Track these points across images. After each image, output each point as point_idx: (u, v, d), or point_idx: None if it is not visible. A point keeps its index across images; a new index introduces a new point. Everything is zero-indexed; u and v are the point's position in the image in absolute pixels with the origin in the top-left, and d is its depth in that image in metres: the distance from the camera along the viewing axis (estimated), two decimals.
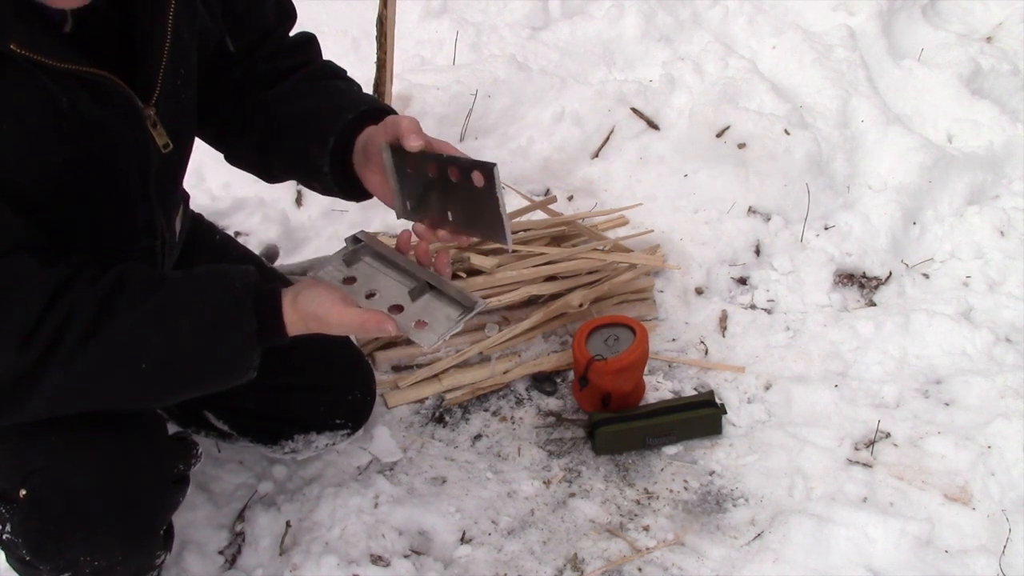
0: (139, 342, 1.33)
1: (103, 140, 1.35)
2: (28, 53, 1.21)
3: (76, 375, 1.31)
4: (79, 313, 1.29)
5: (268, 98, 1.62)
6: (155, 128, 1.43)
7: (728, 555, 2.01)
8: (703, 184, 2.90)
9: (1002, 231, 2.91)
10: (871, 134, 3.11)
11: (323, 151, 1.51)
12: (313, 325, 1.41)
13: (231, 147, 1.73)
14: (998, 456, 2.20)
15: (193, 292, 1.38)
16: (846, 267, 2.82)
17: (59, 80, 1.26)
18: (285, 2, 1.69)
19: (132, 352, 1.34)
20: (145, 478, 1.53)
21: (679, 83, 3.15)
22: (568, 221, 2.64)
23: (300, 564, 1.92)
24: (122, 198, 1.44)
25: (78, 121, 1.30)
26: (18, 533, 1.51)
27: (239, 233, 2.67)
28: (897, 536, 1.98)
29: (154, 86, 1.40)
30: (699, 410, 2.28)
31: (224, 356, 1.40)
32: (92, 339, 1.30)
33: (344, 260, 1.53)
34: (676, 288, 2.70)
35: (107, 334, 1.31)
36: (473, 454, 2.23)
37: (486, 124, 2.99)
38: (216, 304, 1.37)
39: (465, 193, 1.38)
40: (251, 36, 1.62)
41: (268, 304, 1.41)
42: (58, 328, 1.28)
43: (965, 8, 3.87)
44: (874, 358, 2.52)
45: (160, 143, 1.45)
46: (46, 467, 1.47)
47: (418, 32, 3.31)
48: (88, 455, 1.47)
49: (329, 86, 1.65)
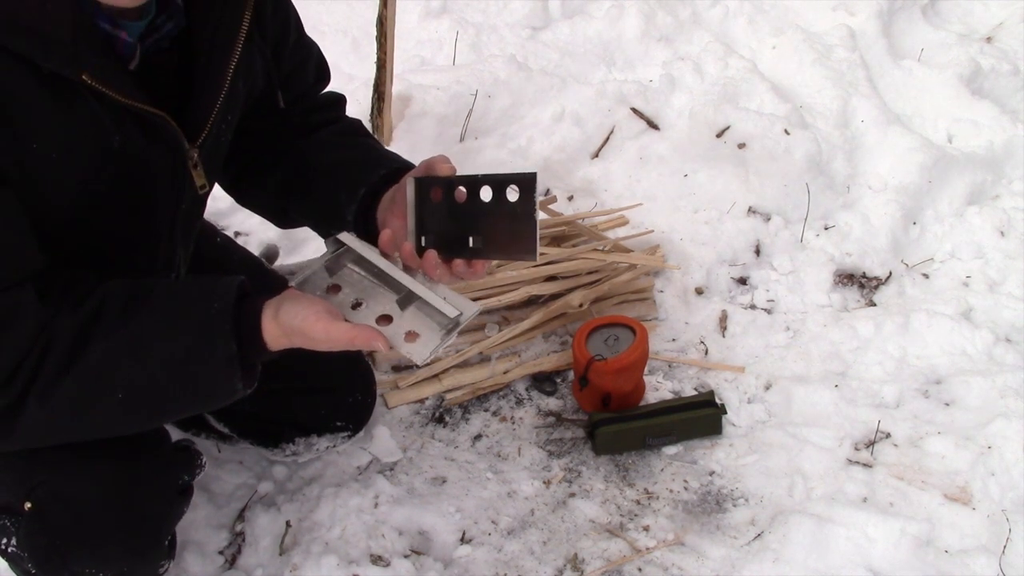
0: (112, 375, 1.30)
1: (144, 176, 1.37)
2: (97, 85, 1.22)
3: (53, 409, 1.29)
4: (55, 345, 1.27)
5: (301, 147, 1.67)
6: (195, 169, 1.45)
7: (728, 555, 2.01)
8: (703, 184, 2.90)
9: (1002, 231, 2.91)
10: (871, 134, 3.11)
11: (352, 200, 1.55)
12: (297, 340, 1.35)
13: (247, 190, 1.77)
14: (998, 456, 2.20)
15: (170, 316, 1.33)
16: (846, 267, 2.82)
17: (116, 115, 1.28)
18: (323, 66, 1.74)
19: (105, 385, 1.30)
20: (150, 490, 1.53)
21: (679, 83, 3.15)
22: (568, 221, 2.64)
23: (300, 564, 1.92)
24: (149, 233, 1.46)
25: (125, 157, 1.32)
26: (24, 547, 1.51)
27: (239, 233, 2.67)
28: (897, 536, 1.98)
29: (203, 129, 1.42)
30: (699, 410, 2.28)
31: (201, 383, 1.35)
32: (65, 373, 1.27)
33: (326, 268, 1.45)
34: (676, 288, 2.70)
35: (80, 367, 1.28)
36: (473, 454, 2.23)
37: (486, 124, 2.99)
38: (189, 331, 1.32)
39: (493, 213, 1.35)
40: (291, 94, 1.67)
41: (247, 323, 1.35)
42: (37, 362, 1.26)
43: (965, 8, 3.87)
44: (874, 358, 2.52)
45: (198, 184, 1.47)
46: (51, 480, 1.47)
47: (418, 32, 3.31)
48: (93, 468, 1.47)
49: (361, 143, 1.71)
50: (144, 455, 1.53)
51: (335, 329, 1.31)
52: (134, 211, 1.40)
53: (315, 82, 1.73)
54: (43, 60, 1.18)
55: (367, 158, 1.63)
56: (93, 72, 1.21)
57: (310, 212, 1.68)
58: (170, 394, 1.35)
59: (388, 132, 2.81)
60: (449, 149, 2.92)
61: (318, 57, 1.73)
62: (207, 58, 1.39)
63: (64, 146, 1.25)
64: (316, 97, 1.74)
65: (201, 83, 1.40)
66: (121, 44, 1.29)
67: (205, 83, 1.40)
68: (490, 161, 2.92)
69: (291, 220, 1.75)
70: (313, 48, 1.71)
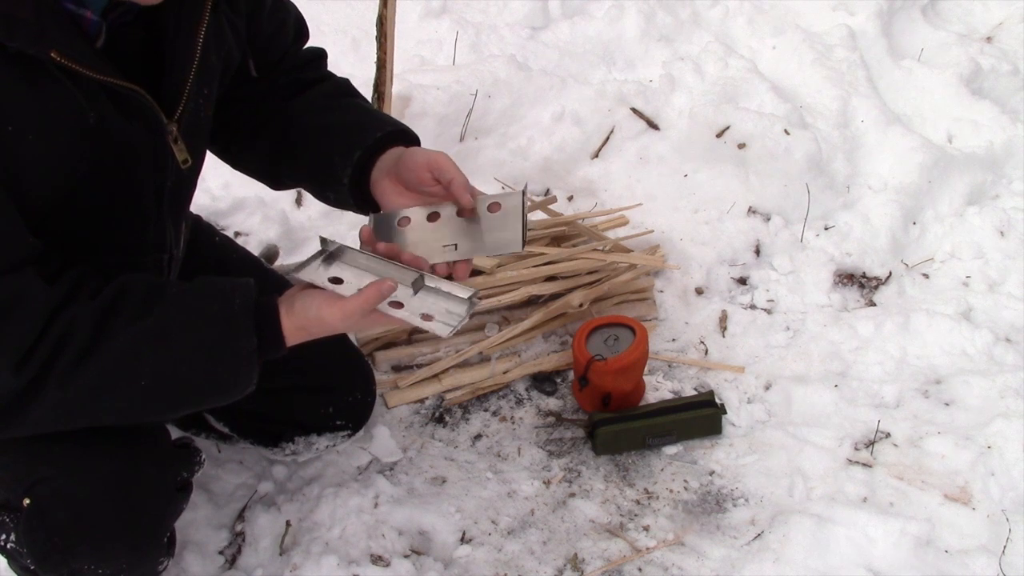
0: (137, 361, 1.32)
1: (125, 154, 1.37)
2: (67, 62, 1.22)
3: (74, 393, 1.30)
4: (76, 331, 1.28)
5: (290, 109, 1.66)
6: (176, 144, 1.45)
7: (728, 555, 2.01)
8: (703, 184, 2.90)
9: (1002, 231, 2.91)
10: (871, 134, 3.11)
11: (347, 162, 1.57)
12: (315, 330, 1.40)
13: (239, 154, 1.76)
14: (998, 456, 2.20)
15: (192, 309, 1.36)
16: (846, 267, 2.82)
17: (89, 93, 1.28)
18: (301, 23, 1.74)
19: (130, 371, 1.33)
20: (150, 487, 1.53)
21: (679, 83, 3.15)
22: (568, 221, 2.64)
23: (300, 564, 1.92)
24: (137, 213, 1.46)
25: (103, 135, 1.31)
26: (23, 543, 1.51)
27: (239, 233, 2.67)
28: (897, 536, 1.98)
29: (178, 103, 1.42)
30: (699, 410, 2.28)
31: (223, 375, 1.39)
32: (89, 358, 1.29)
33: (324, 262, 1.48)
34: (676, 288, 2.70)
35: (104, 353, 1.29)
36: (473, 454, 2.23)
37: (486, 124, 2.99)
38: (215, 323, 1.36)
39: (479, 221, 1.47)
40: (272, 57, 1.67)
41: (267, 319, 1.39)
42: (55, 347, 1.27)
43: (965, 8, 3.87)
44: (874, 358, 2.52)
45: (180, 159, 1.47)
46: (51, 477, 1.46)
47: (418, 32, 3.31)
48: (93, 465, 1.47)
49: (353, 104, 1.70)
50: (143, 452, 1.53)
51: (347, 304, 1.36)
52: (119, 190, 1.39)
53: (294, 41, 1.72)
54: (7, 39, 1.16)
55: (361, 120, 1.63)
56: (61, 49, 1.21)
57: (304, 175, 1.69)
58: (191, 384, 1.38)
59: None
60: (449, 149, 2.92)
61: (296, 16, 1.72)
62: (175, 31, 1.39)
63: (39, 128, 1.24)
64: (296, 55, 1.73)
65: (171, 56, 1.40)
66: (87, 23, 1.28)
67: (175, 56, 1.40)
68: (490, 161, 2.92)
69: (284, 183, 1.77)
70: (291, 9, 1.71)
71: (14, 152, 1.23)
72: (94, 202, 1.37)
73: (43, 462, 1.47)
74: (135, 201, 1.44)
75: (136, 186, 1.42)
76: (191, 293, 1.38)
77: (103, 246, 1.42)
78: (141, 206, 1.45)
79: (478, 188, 1.55)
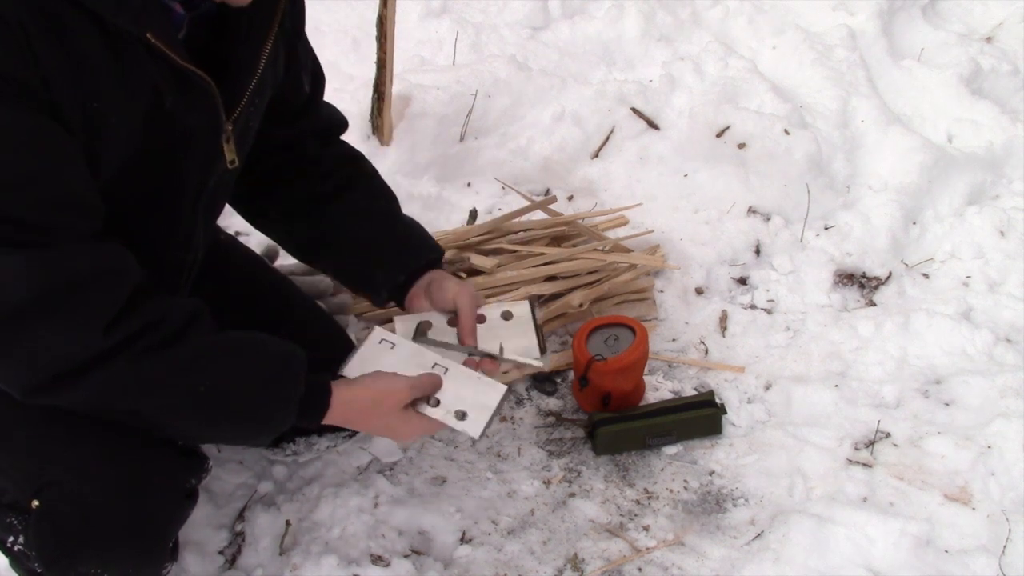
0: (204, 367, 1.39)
1: (182, 143, 1.41)
2: (160, 44, 1.26)
3: (138, 374, 1.33)
4: (169, 319, 1.35)
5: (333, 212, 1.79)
6: (227, 143, 1.49)
7: (728, 555, 2.01)
8: (703, 184, 2.90)
9: (1002, 231, 2.91)
10: (871, 134, 3.11)
11: (389, 282, 1.79)
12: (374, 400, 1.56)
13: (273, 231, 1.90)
14: (998, 456, 2.20)
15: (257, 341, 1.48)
16: (846, 267, 2.82)
17: (171, 77, 1.32)
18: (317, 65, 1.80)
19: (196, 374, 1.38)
20: (159, 494, 1.54)
21: (679, 83, 3.15)
22: (568, 221, 2.64)
23: (300, 564, 1.92)
24: (174, 207, 1.49)
25: (169, 120, 1.36)
26: (32, 545, 1.51)
27: (240, 233, 2.67)
28: (897, 536, 1.98)
29: (238, 105, 1.46)
30: (699, 410, 2.28)
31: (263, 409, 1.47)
32: (169, 348, 1.34)
33: None
34: (676, 288, 2.70)
35: (185, 347, 1.36)
36: (473, 454, 2.23)
37: (486, 124, 3.00)
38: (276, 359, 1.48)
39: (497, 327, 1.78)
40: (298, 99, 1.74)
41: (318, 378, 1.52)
42: (146, 325, 1.32)
43: (965, 8, 3.87)
44: (874, 358, 2.52)
45: (228, 159, 1.51)
46: (61, 481, 1.46)
47: (418, 32, 3.31)
48: (103, 470, 1.47)
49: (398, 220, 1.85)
50: (153, 458, 1.53)
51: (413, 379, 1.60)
52: (164, 180, 1.43)
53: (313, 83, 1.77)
54: (112, 16, 1.21)
55: (407, 241, 1.82)
56: (156, 32, 1.26)
57: (340, 275, 1.92)
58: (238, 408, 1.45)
59: (388, 132, 2.82)
60: (449, 149, 2.92)
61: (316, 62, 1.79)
62: (246, 34, 1.44)
63: (122, 105, 1.28)
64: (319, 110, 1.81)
65: (239, 57, 1.45)
66: (175, 15, 1.34)
67: (243, 58, 1.45)
68: (490, 161, 2.92)
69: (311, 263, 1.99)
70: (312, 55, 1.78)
71: (97, 125, 1.27)
72: (137, 188, 1.40)
73: (53, 465, 1.46)
74: (176, 194, 1.47)
75: (181, 178, 1.46)
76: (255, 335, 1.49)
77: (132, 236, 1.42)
78: (180, 201, 1.49)
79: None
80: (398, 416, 1.57)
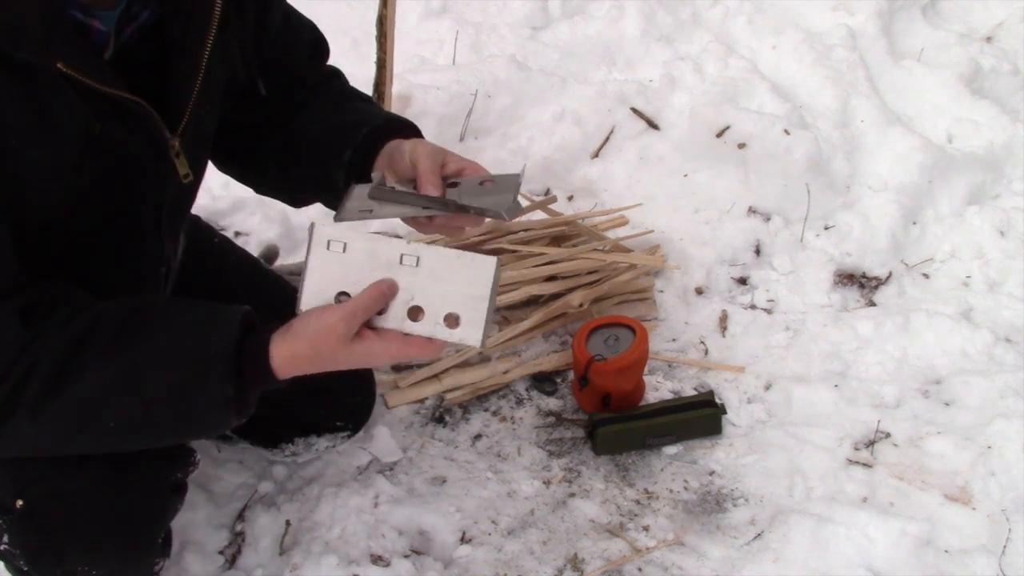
0: (104, 403, 1.27)
1: (128, 167, 1.35)
2: (73, 73, 1.19)
3: (42, 428, 1.27)
4: (41, 364, 1.23)
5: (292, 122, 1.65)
6: (178, 158, 1.44)
7: (728, 555, 2.01)
8: (703, 184, 2.90)
9: (1002, 231, 2.91)
10: (871, 134, 3.11)
11: (340, 165, 1.54)
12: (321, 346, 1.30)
13: (255, 178, 1.76)
14: (998, 456, 2.20)
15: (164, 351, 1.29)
16: (846, 267, 2.82)
17: (95, 104, 1.25)
18: (318, 42, 1.71)
19: (98, 412, 1.28)
20: (144, 488, 1.53)
21: (679, 83, 3.15)
22: (568, 221, 2.65)
23: (300, 564, 1.92)
24: (136, 227, 1.44)
25: (107, 148, 1.30)
26: (16, 544, 1.51)
27: (239, 233, 2.67)
28: (897, 536, 1.98)
29: (182, 117, 1.41)
30: (699, 410, 2.28)
31: (195, 420, 1.34)
32: (55, 395, 1.24)
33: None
34: (676, 288, 2.70)
35: (70, 392, 1.24)
36: (473, 454, 2.23)
37: (486, 124, 3.00)
38: (187, 367, 1.29)
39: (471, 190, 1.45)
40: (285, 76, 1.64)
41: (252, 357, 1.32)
42: (20, 379, 1.23)
43: (965, 8, 3.87)
44: (874, 358, 2.52)
45: (181, 173, 1.46)
46: (44, 478, 1.46)
47: (418, 32, 3.31)
48: (86, 466, 1.46)
49: (347, 107, 1.66)
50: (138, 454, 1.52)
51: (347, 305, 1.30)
52: (119, 204, 1.38)
53: (310, 58, 1.70)
54: (13, 49, 1.13)
55: (347, 121, 1.58)
56: (68, 60, 1.18)
57: (307, 186, 1.65)
58: (163, 427, 1.34)
59: None
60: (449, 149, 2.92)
61: (312, 35, 1.70)
62: (181, 44, 1.37)
63: (44, 141, 1.22)
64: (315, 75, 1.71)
65: (176, 70, 1.38)
66: (94, 33, 1.26)
67: (181, 70, 1.38)
68: (490, 160, 2.92)
69: (299, 199, 1.75)
70: (307, 25, 1.69)
71: (16, 167, 1.20)
72: (94, 216, 1.35)
73: (36, 463, 1.45)
74: (135, 215, 1.43)
75: (137, 200, 1.41)
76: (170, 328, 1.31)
77: (101, 260, 1.41)
78: (140, 220, 1.45)
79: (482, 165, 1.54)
80: (351, 351, 1.31)
